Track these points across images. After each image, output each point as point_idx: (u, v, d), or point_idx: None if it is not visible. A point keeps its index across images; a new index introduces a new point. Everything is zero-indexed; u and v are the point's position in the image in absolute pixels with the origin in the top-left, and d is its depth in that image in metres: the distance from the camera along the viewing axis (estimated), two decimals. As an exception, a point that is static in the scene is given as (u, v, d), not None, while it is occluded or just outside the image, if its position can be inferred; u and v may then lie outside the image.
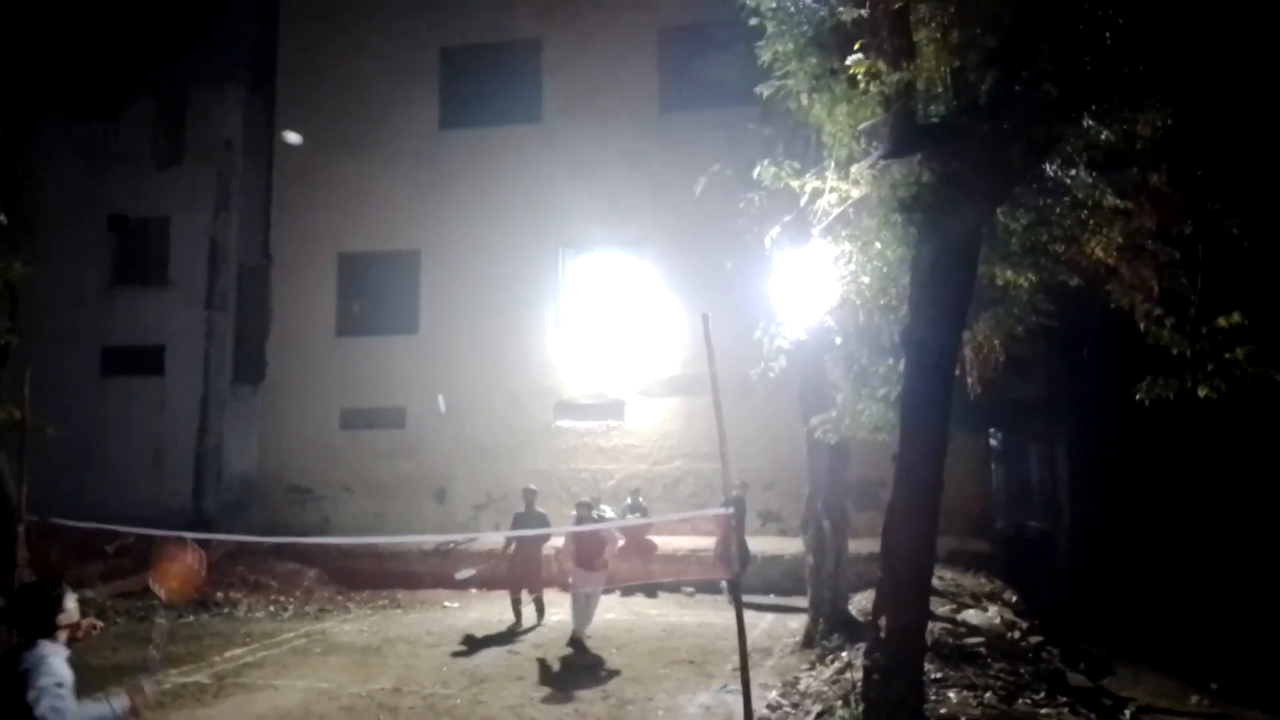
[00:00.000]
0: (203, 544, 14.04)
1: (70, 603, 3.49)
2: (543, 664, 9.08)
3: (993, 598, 11.44)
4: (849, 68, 5.88)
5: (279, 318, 16.98)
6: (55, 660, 3.31)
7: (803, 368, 9.75)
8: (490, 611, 11.62)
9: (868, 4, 5.73)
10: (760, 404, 10.90)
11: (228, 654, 9.58)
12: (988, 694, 6.65)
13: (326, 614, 12.04)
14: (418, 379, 16.06)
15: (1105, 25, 5.11)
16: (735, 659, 7.39)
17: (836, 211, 7.38)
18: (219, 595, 12.58)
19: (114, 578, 13.13)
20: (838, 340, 8.93)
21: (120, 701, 3.51)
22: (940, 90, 6.07)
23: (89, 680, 8.49)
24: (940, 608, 9.72)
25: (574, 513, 10.63)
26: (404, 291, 16.70)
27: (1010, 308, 7.09)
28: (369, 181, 16.59)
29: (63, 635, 3.43)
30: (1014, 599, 11.94)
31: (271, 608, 12.37)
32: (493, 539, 12.83)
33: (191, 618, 11.52)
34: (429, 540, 13.71)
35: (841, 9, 6.36)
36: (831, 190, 7.27)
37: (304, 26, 17.27)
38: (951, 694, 6.62)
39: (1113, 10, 4.97)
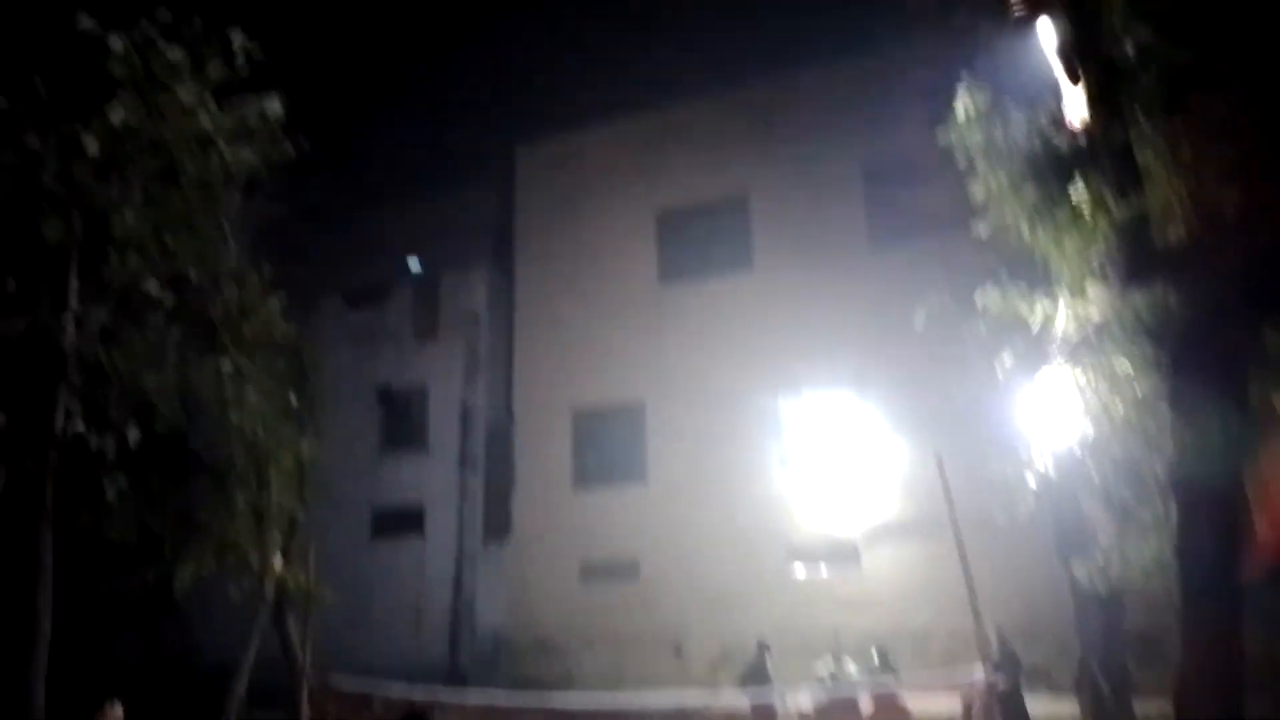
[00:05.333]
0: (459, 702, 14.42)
1: None
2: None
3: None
4: (1071, 198, 5.67)
5: (521, 474, 18.04)
6: None
7: (1055, 506, 9.01)
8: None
9: (1084, 134, 5.55)
10: (1009, 545, 10.13)
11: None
12: None
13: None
14: (649, 529, 16.34)
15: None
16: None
17: (1075, 336, 6.96)
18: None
19: (380, 731, 13.95)
20: (1093, 475, 8.21)
21: None
22: (1178, 207, 5.68)
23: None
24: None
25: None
26: (632, 442, 17.28)
27: (1300, 435, 6.25)
28: (597, 340, 17.62)
29: None
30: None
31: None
32: (731, 700, 12.44)
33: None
34: (666, 701, 13.49)
35: (1055, 138, 6.21)
36: (1068, 312, 6.88)
37: (535, 209, 19.07)
38: None
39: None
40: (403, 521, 18.30)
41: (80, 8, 6.72)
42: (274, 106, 7.62)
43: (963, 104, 6.51)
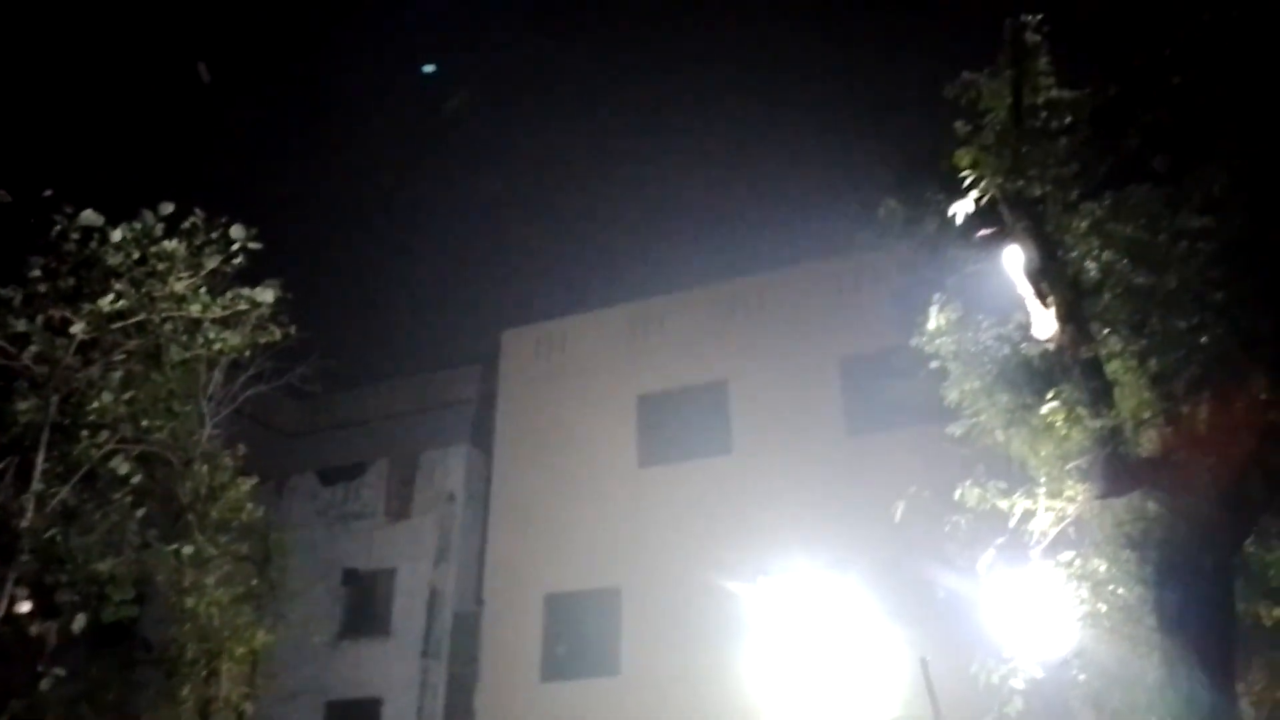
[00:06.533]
0: None
1: None
2: None
3: None
4: (1044, 405, 5.80)
5: (487, 664, 17.19)
6: None
7: (1046, 709, 8.65)
8: None
9: (1055, 345, 5.74)
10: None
11: None
12: None
13: None
14: (622, 728, 15.44)
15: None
16: None
17: (1054, 532, 6.93)
18: None
19: None
20: (1080, 678, 7.97)
21: None
22: (1150, 417, 5.81)
23: None
24: None
25: None
26: (606, 631, 16.63)
27: (1290, 651, 6.14)
28: (573, 523, 17.31)
29: None
30: None
31: None
32: None
33: None
34: None
35: (1025, 345, 6.43)
36: (1047, 510, 6.89)
37: (517, 392, 19.21)
38: None
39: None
40: (358, 713, 17.16)
41: (84, 199, 6.99)
42: (266, 295, 7.77)
43: (935, 318, 6.78)
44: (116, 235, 7.07)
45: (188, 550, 9.05)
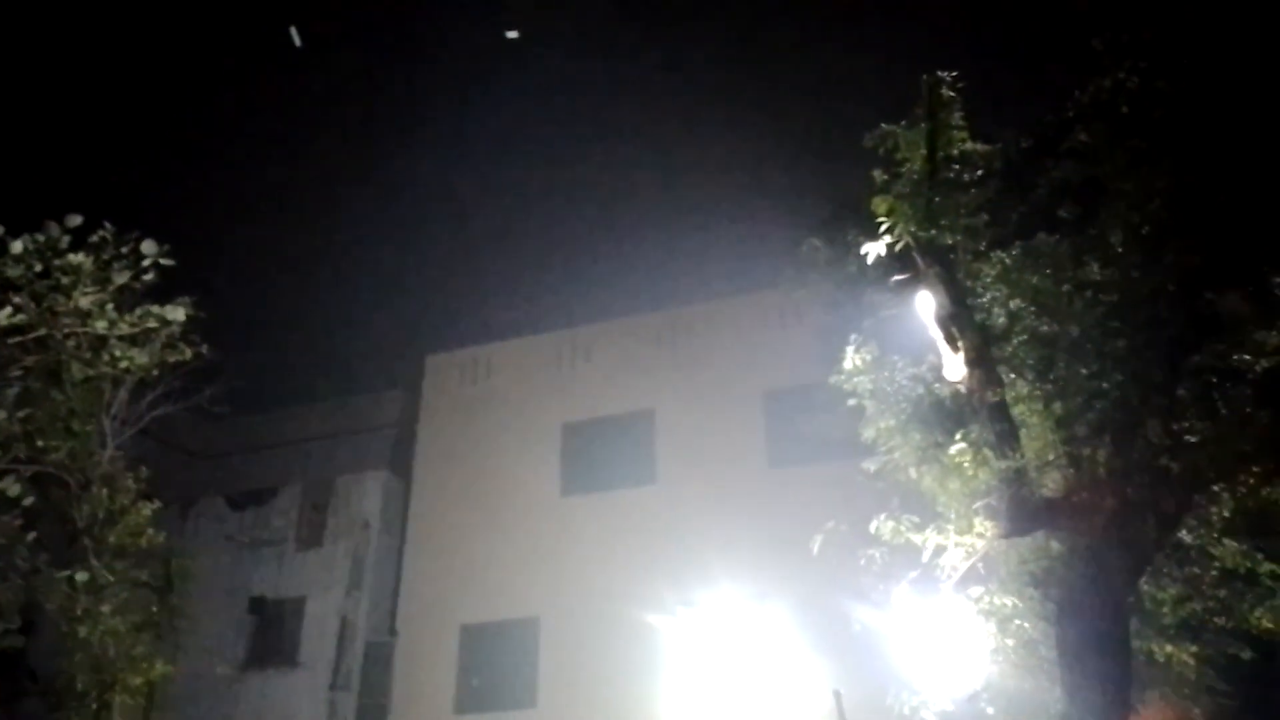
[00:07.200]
0: None
1: None
2: None
3: None
4: (954, 444, 5.97)
5: (399, 697, 16.72)
6: None
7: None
8: None
9: (964, 388, 5.93)
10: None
11: None
12: None
13: None
14: (537, 763, 15.17)
15: (1212, 406, 5.11)
16: None
17: (965, 567, 7.09)
18: None
19: None
20: (989, 710, 8.15)
21: None
22: (1053, 458, 6.02)
23: None
24: None
25: None
26: (523, 662, 16.37)
27: (1179, 686, 6.40)
28: (493, 552, 17.04)
29: None
30: None
31: None
32: None
33: None
34: None
35: (937, 386, 6.62)
36: (957, 546, 7.04)
37: (440, 417, 18.88)
38: None
39: (1226, 384, 5.00)
40: (261, 751, 16.51)
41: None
42: (177, 313, 7.50)
43: (851, 358, 6.95)
44: (17, 247, 6.75)
45: (82, 576, 8.58)
